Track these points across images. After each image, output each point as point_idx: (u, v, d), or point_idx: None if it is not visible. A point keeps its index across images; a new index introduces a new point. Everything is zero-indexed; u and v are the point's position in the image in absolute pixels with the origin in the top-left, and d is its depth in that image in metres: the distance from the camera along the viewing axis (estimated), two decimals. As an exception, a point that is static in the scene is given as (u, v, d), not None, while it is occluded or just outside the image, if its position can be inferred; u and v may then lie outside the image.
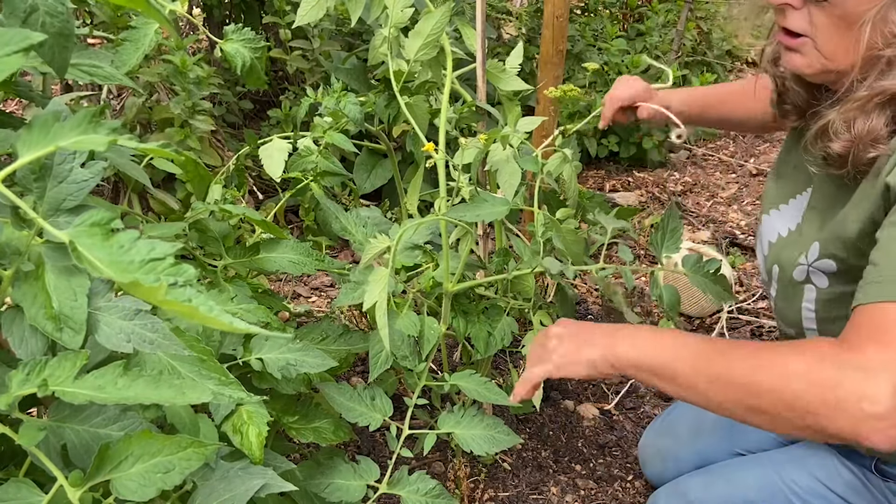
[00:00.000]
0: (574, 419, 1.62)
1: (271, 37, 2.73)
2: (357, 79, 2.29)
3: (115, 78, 0.84)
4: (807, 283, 0.96)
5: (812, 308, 0.97)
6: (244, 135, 2.48)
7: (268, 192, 2.38)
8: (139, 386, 0.61)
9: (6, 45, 0.51)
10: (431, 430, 1.12)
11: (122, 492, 0.59)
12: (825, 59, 0.85)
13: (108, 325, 0.64)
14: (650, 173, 3.12)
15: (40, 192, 0.63)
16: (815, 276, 0.95)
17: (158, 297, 0.45)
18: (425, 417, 1.48)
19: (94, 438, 0.64)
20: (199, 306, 0.45)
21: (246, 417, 0.82)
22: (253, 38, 0.95)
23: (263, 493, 0.72)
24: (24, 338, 0.63)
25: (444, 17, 1.04)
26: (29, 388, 0.58)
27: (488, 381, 1.13)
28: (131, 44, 0.88)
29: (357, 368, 1.75)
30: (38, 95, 0.85)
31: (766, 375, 0.72)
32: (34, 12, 0.60)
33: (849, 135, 0.83)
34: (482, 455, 1.10)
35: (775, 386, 0.71)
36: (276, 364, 0.93)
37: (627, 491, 1.45)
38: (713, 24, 3.97)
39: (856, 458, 1.05)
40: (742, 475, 1.18)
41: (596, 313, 2.05)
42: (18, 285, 0.61)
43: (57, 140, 0.50)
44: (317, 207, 1.26)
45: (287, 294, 2.08)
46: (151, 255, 0.47)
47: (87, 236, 0.48)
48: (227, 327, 0.47)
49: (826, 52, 0.84)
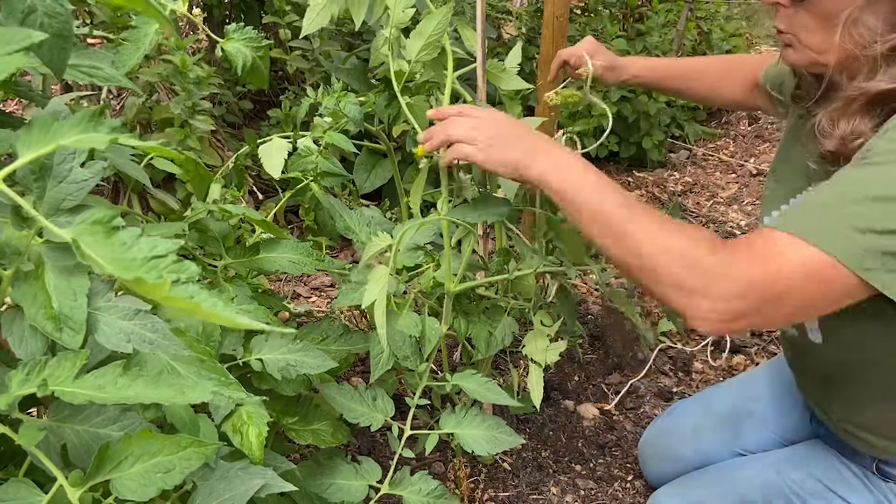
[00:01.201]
0: (574, 419, 1.62)
1: (271, 36, 2.73)
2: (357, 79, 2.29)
3: (115, 79, 0.84)
4: None
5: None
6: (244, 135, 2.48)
7: (268, 192, 2.37)
8: (139, 386, 0.61)
9: (7, 45, 0.51)
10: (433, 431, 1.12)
11: (122, 491, 0.59)
12: (814, 53, 0.88)
13: (107, 325, 0.64)
14: (650, 173, 3.12)
15: (40, 191, 0.63)
16: None
17: (162, 293, 0.45)
18: (425, 418, 1.48)
19: (94, 438, 0.64)
20: (202, 303, 0.45)
21: (246, 418, 0.82)
22: (255, 36, 0.95)
23: (263, 493, 0.72)
24: (23, 338, 0.63)
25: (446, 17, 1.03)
26: (29, 388, 0.58)
27: (489, 381, 1.13)
28: (131, 44, 0.88)
29: (357, 368, 1.75)
30: (38, 95, 0.85)
31: (651, 244, 0.80)
32: (32, 13, 0.60)
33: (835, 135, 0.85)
34: (483, 455, 1.10)
35: (653, 253, 0.80)
36: (275, 364, 0.93)
37: (627, 491, 1.45)
38: (713, 24, 3.96)
39: (857, 458, 1.05)
40: (742, 475, 1.18)
41: (596, 313, 2.05)
42: (18, 285, 0.61)
43: (57, 139, 0.50)
44: (317, 207, 1.26)
45: (287, 294, 2.08)
46: (153, 252, 0.47)
47: (90, 234, 0.48)
48: (230, 323, 0.47)
49: (812, 47, 0.87)
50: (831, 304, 0.78)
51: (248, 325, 0.47)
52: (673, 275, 0.78)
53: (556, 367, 1.77)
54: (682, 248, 0.78)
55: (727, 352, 1.86)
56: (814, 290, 0.75)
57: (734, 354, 1.89)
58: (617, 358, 1.82)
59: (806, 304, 0.77)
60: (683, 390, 1.76)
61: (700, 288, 0.77)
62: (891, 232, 0.71)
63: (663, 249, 0.79)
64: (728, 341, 1.87)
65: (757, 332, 1.99)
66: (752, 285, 0.75)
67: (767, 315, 0.78)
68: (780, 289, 0.75)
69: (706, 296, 0.77)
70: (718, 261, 0.77)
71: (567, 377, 1.76)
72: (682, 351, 1.89)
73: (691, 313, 0.78)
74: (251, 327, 0.47)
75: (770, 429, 1.27)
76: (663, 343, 1.90)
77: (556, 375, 1.76)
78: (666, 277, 0.79)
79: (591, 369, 1.80)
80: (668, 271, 0.79)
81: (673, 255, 0.78)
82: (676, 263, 0.78)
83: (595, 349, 1.87)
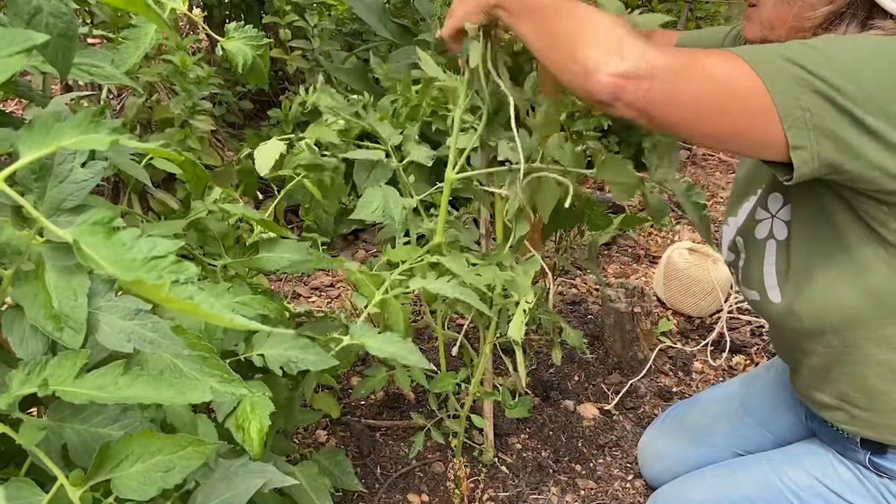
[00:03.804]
0: (574, 419, 1.62)
1: (271, 36, 2.73)
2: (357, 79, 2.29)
3: (116, 78, 0.84)
4: (769, 239, 1.01)
5: (773, 262, 1.01)
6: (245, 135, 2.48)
7: (268, 192, 2.37)
8: (139, 385, 0.61)
9: (9, 46, 0.51)
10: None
11: (123, 491, 0.59)
12: (764, 27, 0.92)
13: (108, 325, 0.64)
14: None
15: (40, 191, 0.63)
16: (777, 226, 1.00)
17: (161, 294, 0.45)
18: (422, 421, 1.48)
19: (94, 438, 0.64)
20: (201, 303, 0.46)
21: (249, 411, 0.82)
22: (255, 35, 0.95)
23: (265, 488, 0.72)
24: (24, 337, 0.63)
25: None
26: (29, 388, 0.58)
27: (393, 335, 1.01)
28: (132, 43, 0.88)
29: (357, 368, 1.75)
30: (39, 95, 0.85)
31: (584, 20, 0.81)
32: (38, 13, 0.60)
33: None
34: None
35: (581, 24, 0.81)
36: (277, 360, 0.93)
37: (627, 491, 1.45)
38: (713, 24, 3.97)
39: (852, 455, 1.05)
40: (741, 475, 1.18)
41: (596, 313, 2.05)
42: (19, 285, 0.61)
43: (59, 140, 0.51)
44: (314, 205, 1.26)
45: (287, 294, 2.08)
46: (153, 252, 0.47)
47: (90, 234, 0.49)
48: (228, 323, 0.47)
49: (765, 19, 0.91)
50: (736, 126, 0.79)
51: (246, 326, 0.48)
52: (606, 35, 0.79)
53: (555, 367, 1.78)
54: (607, 24, 0.80)
55: (727, 352, 1.87)
56: (725, 92, 0.77)
57: (734, 354, 1.89)
58: (617, 358, 1.82)
59: (710, 105, 0.78)
60: (683, 390, 1.76)
61: (614, 42, 0.77)
62: (813, 74, 0.75)
63: (593, 24, 0.80)
64: (728, 341, 1.88)
65: (757, 333, 1.99)
66: (664, 53, 0.77)
67: (671, 90, 0.77)
68: (691, 65, 0.77)
69: (614, 49, 0.77)
70: (636, 44, 0.77)
71: (567, 377, 1.77)
72: (682, 351, 1.89)
73: (591, 63, 0.78)
74: (249, 328, 0.48)
75: (769, 429, 1.28)
76: (663, 343, 1.91)
77: (556, 375, 1.76)
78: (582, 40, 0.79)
79: (591, 369, 1.80)
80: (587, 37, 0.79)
81: (598, 27, 0.80)
82: (598, 33, 0.79)
83: (595, 349, 1.88)
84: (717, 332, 1.92)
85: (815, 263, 0.94)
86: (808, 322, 0.98)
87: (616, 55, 0.77)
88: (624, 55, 0.76)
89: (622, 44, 0.77)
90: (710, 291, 1.99)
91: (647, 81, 0.76)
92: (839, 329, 0.96)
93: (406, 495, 1.40)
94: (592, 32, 0.79)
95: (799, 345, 1.05)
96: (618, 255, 2.41)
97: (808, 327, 0.99)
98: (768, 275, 1.01)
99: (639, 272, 2.32)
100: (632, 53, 0.76)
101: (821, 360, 1.02)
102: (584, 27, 0.80)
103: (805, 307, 0.97)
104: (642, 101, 0.77)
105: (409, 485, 1.43)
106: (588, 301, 2.12)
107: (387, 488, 1.41)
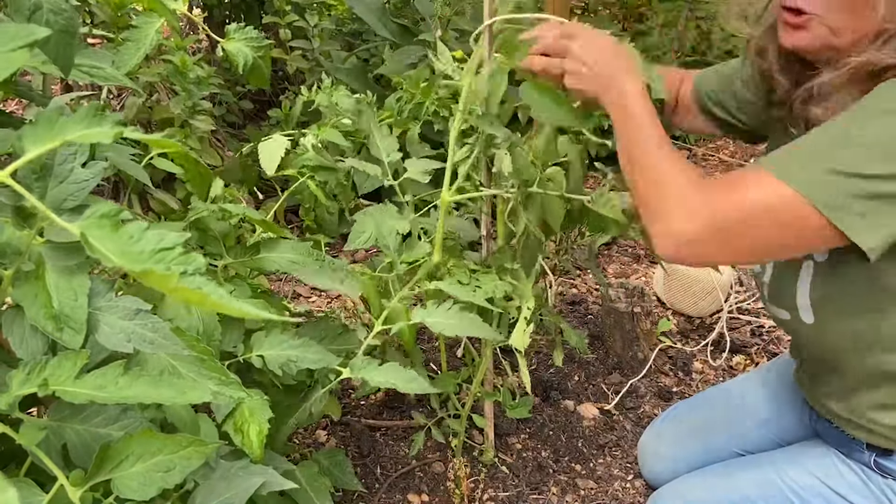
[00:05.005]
0: (574, 419, 1.62)
1: (271, 36, 2.74)
2: (357, 79, 2.29)
3: (116, 79, 0.84)
4: (805, 261, 0.98)
5: (808, 286, 0.98)
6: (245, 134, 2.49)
7: (268, 192, 2.38)
8: (139, 386, 0.61)
9: (12, 41, 0.51)
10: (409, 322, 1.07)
11: (123, 491, 0.59)
12: (832, 35, 0.87)
13: (108, 325, 0.64)
14: (650, 173, 3.11)
15: (41, 191, 0.63)
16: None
17: (170, 284, 0.45)
18: (422, 420, 1.48)
19: (94, 438, 0.64)
20: (211, 294, 0.46)
21: (248, 414, 0.82)
22: (256, 36, 0.95)
23: (264, 490, 0.72)
24: (24, 337, 0.63)
25: None
26: (29, 388, 0.58)
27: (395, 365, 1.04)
28: (132, 44, 0.88)
29: (357, 368, 1.75)
30: (39, 95, 0.85)
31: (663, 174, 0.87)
32: (38, 10, 0.60)
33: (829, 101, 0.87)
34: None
35: (658, 182, 0.86)
36: (276, 360, 0.93)
37: (627, 491, 1.45)
38: (713, 24, 3.96)
39: (856, 455, 1.05)
40: (742, 475, 1.18)
41: (596, 313, 2.05)
42: (19, 285, 0.61)
43: (63, 134, 0.51)
44: (316, 205, 1.26)
45: (287, 294, 2.08)
46: (161, 244, 0.47)
47: (97, 228, 0.49)
48: (238, 312, 0.47)
49: (834, 27, 0.87)
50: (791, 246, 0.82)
51: (256, 315, 0.48)
52: (659, 203, 0.85)
53: (556, 367, 1.77)
54: (679, 183, 0.84)
55: (727, 352, 1.86)
56: (774, 226, 0.79)
57: (734, 354, 1.89)
58: (617, 358, 1.82)
59: (764, 241, 0.81)
60: (683, 390, 1.76)
61: (666, 211, 0.83)
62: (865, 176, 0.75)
63: (667, 182, 0.85)
64: (728, 341, 1.88)
65: (757, 333, 1.99)
66: (708, 210, 0.81)
67: (721, 244, 0.82)
68: (736, 217, 0.80)
69: (665, 219, 0.83)
70: (694, 190, 0.83)
71: (567, 377, 1.76)
72: (682, 351, 1.89)
73: (653, 233, 0.85)
74: (259, 317, 0.48)
75: (769, 429, 1.28)
76: (663, 343, 1.91)
77: (556, 375, 1.76)
78: (653, 205, 0.86)
79: (591, 369, 1.80)
80: (658, 202, 0.86)
81: (669, 186, 0.85)
82: (666, 194, 0.85)
83: (595, 349, 1.87)
84: (717, 332, 1.92)
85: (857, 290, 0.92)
86: (842, 342, 0.97)
87: (664, 219, 0.84)
88: (671, 216, 0.83)
89: (675, 203, 0.83)
90: (710, 291, 1.99)
91: (694, 245, 0.83)
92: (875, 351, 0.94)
93: (406, 495, 1.40)
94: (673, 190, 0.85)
95: (826, 363, 1.04)
96: (618, 255, 2.41)
97: (843, 346, 0.97)
98: (802, 295, 0.99)
99: (639, 272, 2.32)
100: (676, 212, 0.83)
101: (849, 379, 1.01)
102: (666, 176, 0.86)
103: (840, 329, 0.96)
104: (699, 254, 0.85)
105: (409, 485, 1.43)
106: (588, 301, 2.12)
107: (387, 488, 1.41)
